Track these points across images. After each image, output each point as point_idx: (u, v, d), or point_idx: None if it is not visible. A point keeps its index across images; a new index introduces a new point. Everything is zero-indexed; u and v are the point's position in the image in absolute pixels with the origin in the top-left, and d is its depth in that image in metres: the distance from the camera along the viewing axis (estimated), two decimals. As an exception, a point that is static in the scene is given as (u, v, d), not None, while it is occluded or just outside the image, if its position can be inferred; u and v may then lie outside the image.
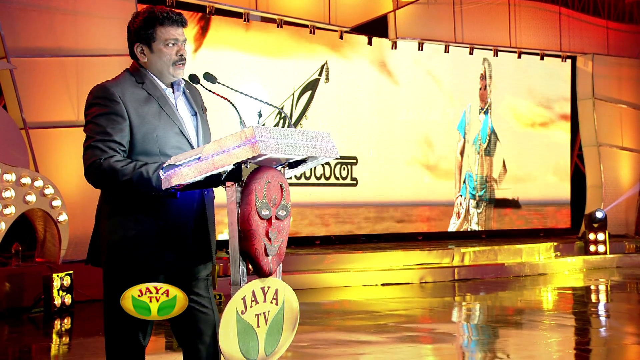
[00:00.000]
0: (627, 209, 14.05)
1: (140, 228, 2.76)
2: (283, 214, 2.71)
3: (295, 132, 2.67)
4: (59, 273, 7.61)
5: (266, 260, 2.66)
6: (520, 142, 13.70)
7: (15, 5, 8.30)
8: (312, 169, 11.26)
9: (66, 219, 8.15)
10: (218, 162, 2.55)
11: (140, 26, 2.85)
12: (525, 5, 13.40)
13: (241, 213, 2.60)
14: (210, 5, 10.07)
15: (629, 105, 14.20)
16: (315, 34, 11.26)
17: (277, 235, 2.69)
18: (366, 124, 11.97)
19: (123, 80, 2.86)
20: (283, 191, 2.72)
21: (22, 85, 8.30)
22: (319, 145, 2.77)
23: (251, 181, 2.62)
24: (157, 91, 2.86)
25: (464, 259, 10.57)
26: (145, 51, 2.87)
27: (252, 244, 2.61)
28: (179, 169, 2.62)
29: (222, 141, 2.55)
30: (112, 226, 2.81)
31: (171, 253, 2.79)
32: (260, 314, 2.66)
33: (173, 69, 2.88)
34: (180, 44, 2.89)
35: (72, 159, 8.54)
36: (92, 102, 2.82)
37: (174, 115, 2.84)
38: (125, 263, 2.77)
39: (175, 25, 2.87)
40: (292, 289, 2.79)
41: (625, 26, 14.55)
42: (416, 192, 12.52)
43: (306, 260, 9.41)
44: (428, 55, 12.58)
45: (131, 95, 2.80)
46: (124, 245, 2.77)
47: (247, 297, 2.62)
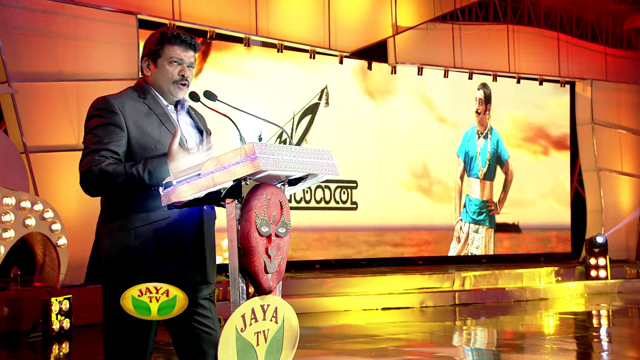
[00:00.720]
0: (627, 234, 14.03)
1: (139, 243, 2.76)
2: (283, 231, 2.70)
3: (295, 149, 2.67)
4: (57, 297, 7.56)
5: (266, 278, 2.64)
6: (520, 166, 13.72)
7: (17, 30, 8.35)
8: (312, 193, 11.25)
9: (65, 243, 8.13)
10: (218, 178, 2.54)
11: (152, 42, 2.92)
12: (524, 31, 13.50)
13: (241, 230, 2.59)
14: (211, 31, 10.14)
15: (628, 130, 14.24)
16: (315, 59, 11.33)
17: (276, 252, 2.67)
18: (366, 148, 11.98)
19: (125, 94, 2.89)
20: (283, 208, 2.71)
21: (23, 109, 8.32)
22: (319, 162, 2.77)
23: (251, 198, 2.61)
24: (158, 107, 2.87)
25: (465, 283, 10.52)
26: (150, 66, 2.92)
27: (251, 261, 2.59)
28: (178, 186, 2.61)
29: (221, 158, 2.54)
30: (111, 242, 2.80)
31: (171, 268, 2.78)
32: (259, 332, 2.64)
33: (173, 87, 2.90)
34: (184, 65, 2.92)
35: (72, 183, 8.54)
36: (93, 114, 2.85)
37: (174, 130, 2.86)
38: (125, 279, 2.75)
39: (183, 45, 2.92)
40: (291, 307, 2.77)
41: (623, 52, 14.65)
42: (416, 217, 12.51)
43: (306, 284, 9.37)
44: (427, 80, 12.65)
45: (131, 108, 2.82)
46: (122, 260, 2.77)
47: (246, 315, 2.59)
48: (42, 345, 7.20)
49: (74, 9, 8.75)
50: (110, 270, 2.80)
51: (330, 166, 2.82)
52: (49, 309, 7.42)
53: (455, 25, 12.73)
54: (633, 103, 14.42)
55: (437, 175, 12.79)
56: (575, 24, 14.21)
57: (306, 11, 11.06)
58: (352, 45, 11.43)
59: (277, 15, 10.71)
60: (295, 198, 10.95)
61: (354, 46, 11.44)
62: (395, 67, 12.25)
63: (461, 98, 13.09)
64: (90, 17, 8.85)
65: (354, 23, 11.48)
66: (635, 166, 14.25)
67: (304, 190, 11.14)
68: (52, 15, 8.62)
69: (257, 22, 10.47)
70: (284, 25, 10.81)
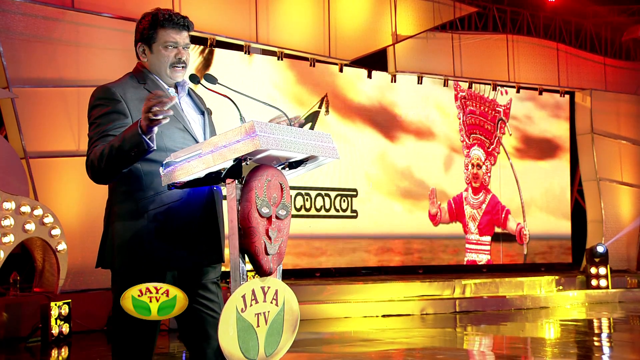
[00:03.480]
0: (628, 244, 14.01)
1: (153, 226, 2.73)
2: (283, 213, 2.69)
3: (296, 130, 2.67)
4: (57, 302, 7.53)
5: (266, 259, 2.63)
6: (520, 176, 13.71)
7: (18, 36, 8.38)
8: (312, 201, 11.23)
9: (65, 248, 8.11)
10: (218, 157, 2.53)
11: (144, 27, 2.89)
12: (523, 41, 13.55)
13: (241, 210, 2.58)
14: (212, 38, 10.17)
15: (628, 140, 14.26)
16: (316, 67, 11.36)
17: (277, 234, 2.67)
18: (366, 156, 11.99)
19: (124, 81, 2.88)
20: (283, 190, 2.70)
21: (24, 114, 8.34)
22: (319, 145, 2.77)
23: (251, 179, 2.60)
24: (159, 90, 2.87)
25: (465, 291, 10.49)
26: (146, 51, 2.90)
27: (252, 242, 2.58)
28: (178, 165, 2.61)
29: (222, 136, 2.54)
30: (122, 226, 2.77)
31: (183, 249, 2.76)
32: (260, 313, 2.62)
33: (170, 71, 2.90)
34: (180, 47, 2.91)
35: (72, 189, 8.55)
36: (94, 103, 2.84)
37: (177, 113, 2.85)
38: (138, 262, 2.73)
39: (176, 28, 2.89)
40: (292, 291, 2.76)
41: (622, 63, 14.70)
42: (417, 225, 12.48)
43: (306, 291, 9.34)
44: (427, 89, 12.68)
45: (132, 95, 2.81)
46: (136, 244, 2.73)
47: (247, 296, 2.58)
48: (41, 350, 7.17)
49: (74, 15, 8.79)
50: (122, 255, 2.76)
51: (331, 149, 2.82)
52: (48, 313, 7.39)
53: (454, 35, 12.78)
54: (632, 113, 14.45)
55: (438, 184, 12.77)
56: (574, 34, 14.27)
57: (306, 19, 11.11)
58: (352, 54, 11.47)
59: (278, 23, 10.76)
60: (295, 206, 10.93)
61: (354, 54, 11.48)
62: (395, 75, 12.28)
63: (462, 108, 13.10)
64: (91, 24, 8.88)
65: (354, 32, 11.52)
66: (635, 176, 14.26)
67: (304, 199, 11.13)
68: (53, 22, 8.65)
69: (257, 29, 10.52)
70: (285, 33, 10.85)
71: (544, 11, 13.88)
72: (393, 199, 12.24)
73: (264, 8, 10.57)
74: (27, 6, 8.46)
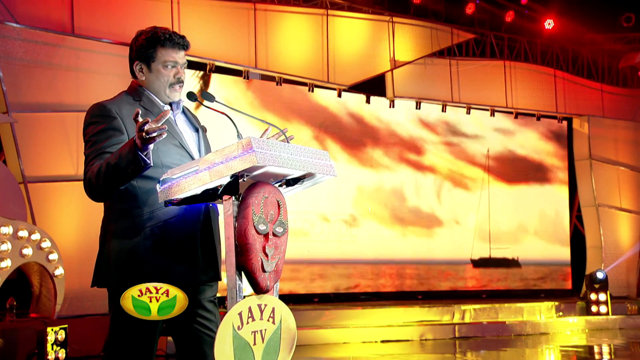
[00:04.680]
0: (628, 271, 13.94)
1: (150, 243, 2.72)
2: (280, 230, 2.69)
3: (294, 147, 2.67)
4: (53, 327, 7.47)
5: (263, 276, 2.62)
6: (519, 201, 13.70)
7: (19, 62, 8.42)
8: (311, 225, 11.21)
9: (62, 273, 8.06)
10: (215, 174, 2.54)
11: (142, 45, 2.88)
12: (520, 67, 13.61)
13: (238, 227, 2.58)
14: (211, 63, 10.22)
15: (626, 166, 14.27)
16: (314, 92, 11.41)
17: (274, 251, 2.66)
18: (365, 180, 11.99)
19: (120, 98, 2.88)
20: (280, 208, 2.70)
21: (23, 139, 8.34)
22: (317, 162, 2.77)
23: (248, 195, 2.60)
24: (154, 107, 2.87)
25: (465, 316, 10.43)
26: (144, 70, 2.90)
27: (248, 259, 2.58)
28: (175, 182, 2.61)
29: (219, 152, 2.54)
30: (118, 244, 2.75)
31: (183, 266, 2.75)
32: (256, 331, 2.61)
33: (170, 90, 2.90)
34: (179, 66, 2.92)
35: (70, 213, 8.53)
36: (90, 121, 2.83)
37: (173, 130, 2.85)
38: (135, 280, 2.71)
39: (176, 47, 2.90)
40: (289, 309, 2.74)
41: (619, 89, 14.75)
42: (415, 251, 12.45)
43: (304, 316, 9.28)
44: (426, 114, 12.72)
45: (128, 111, 2.81)
46: (133, 261, 2.71)
47: (243, 313, 2.57)
48: (36, 375, 7.09)
49: (74, 41, 8.84)
50: (119, 273, 2.74)
51: (328, 167, 2.82)
52: (44, 339, 7.31)
53: (452, 61, 12.85)
54: (630, 139, 14.47)
55: (436, 209, 12.76)
56: (571, 61, 14.35)
57: (305, 45, 11.19)
58: (351, 79, 11.53)
59: (276, 49, 10.82)
60: (293, 231, 10.91)
61: (353, 80, 11.54)
62: (393, 101, 12.33)
63: (460, 132, 13.13)
64: (91, 49, 8.93)
65: (353, 57, 11.60)
66: (634, 202, 14.24)
67: (303, 223, 11.11)
68: (53, 47, 8.69)
69: (256, 55, 10.58)
70: (283, 59, 10.91)
71: (541, 38, 13.97)
72: (390, 224, 12.22)
73: (263, 33, 10.64)
74: (28, 32, 8.51)
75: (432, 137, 12.85)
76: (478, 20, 13.46)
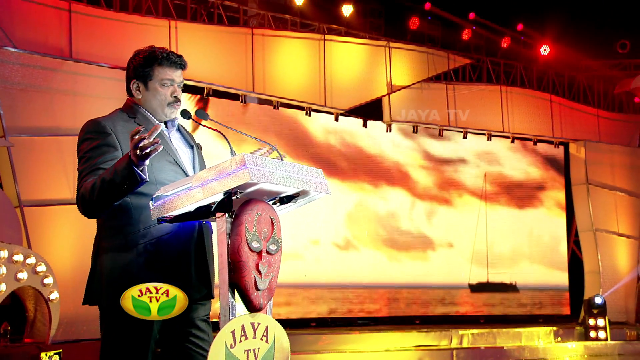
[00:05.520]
0: (626, 296, 13.88)
1: (142, 261, 2.70)
2: (274, 248, 2.67)
3: (287, 165, 2.67)
4: (47, 352, 7.41)
5: (256, 294, 2.60)
6: (516, 226, 13.68)
7: (16, 87, 8.44)
8: (308, 249, 11.18)
9: (57, 297, 8.01)
10: (208, 190, 2.53)
11: (139, 63, 2.89)
12: (517, 92, 13.67)
13: (231, 244, 2.57)
14: (208, 87, 10.26)
15: (623, 191, 14.27)
16: (311, 116, 11.45)
17: (267, 269, 2.64)
18: (361, 204, 11.98)
19: (115, 115, 2.89)
20: (274, 225, 2.69)
21: (19, 163, 8.34)
22: (310, 179, 2.77)
23: (242, 212, 2.59)
24: (149, 124, 2.87)
25: (463, 341, 10.36)
26: (141, 88, 2.91)
27: (241, 276, 2.56)
28: (168, 199, 2.60)
29: (212, 169, 2.54)
30: (111, 261, 2.73)
31: (173, 284, 2.72)
32: (250, 350, 2.58)
33: (167, 109, 2.91)
34: (176, 85, 2.93)
35: (66, 237, 8.50)
36: (84, 137, 2.84)
37: (167, 146, 2.85)
38: None
39: (173, 66, 2.92)
40: (282, 328, 2.72)
41: (615, 115, 14.81)
42: (413, 275, 12.40)
43: (301, 340, 9.21)
44: (423, 139, 12.74)
45: (123, 127, 2.82)
46: (126, 280, 2.69)
47: (236, 331, 2.55)
48: (30, 401, 7.02)
49: (72, 65, 8.88)
50: (111, 290, 2.72)
51: (322, 184, 2.82)
52: (38, 363, 7.27)
53: (449, 85, 12.91)
54: (627, 164, 14.49)
55: (434, 233, 12.74)
56: (567, 87, 14.42)
57: (302, 69, 11.25)
58: (348, 103, 11.57)
59: (274, 73, 10.87)
60: (290, 254, 10.86)
61: (350, 104, 11.58)
62: (390, 125, 12.36)
63: (458, 156, 13.16)
64: (88, 74, 8.96)
65: (350, 82, 11.65)
66: (632, 227, 14.22)
67: (298, 247, 11.08)
68: (50, 72, 8.72)
69: (253, 79, 10.62)
70: (280, 83, 10.96)
71: (537, 64, 14.05)
72: (387, 248, 12.18)
73: (260, 58, 10.69)
74: (26, 56, 8.54)
75: (428, 161, 12.85)
76: (474, 46, 13.55)
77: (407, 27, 12.68)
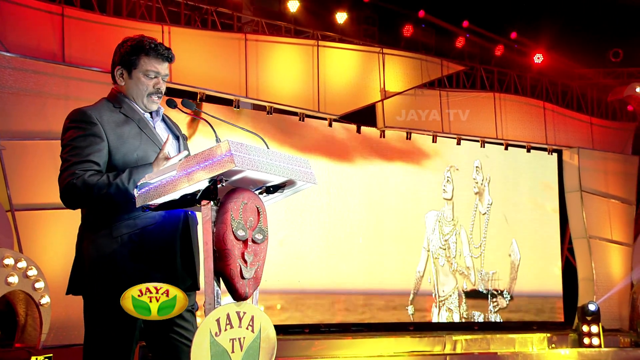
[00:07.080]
0: (620, 303, 13.87)
1: (126, 251, 2.69)
2: (260, 237, 2.66)
3: (273, 153, 2.66)
4: (37, 356, 7.36)
5: (242, 283, 2.58)
6: (510, 233, 13.66)
7: (8, 90, 8.43)
8: (302, 256, 11.15)
9: (48, 301, 7.96)
10: (193, 177, 2.51)
11: (126, 51, 2.89)
12: (510, 100, 13.70)
13: (216, 232, 2.55)
14: (201, 92, 10.25)
15: (616, 199, 14.29)
16: (305, 122, 11.45)
17: (253, 258, 2.63)
18: (355, 212, 11.96)
19: (100, 104, 2.88)
20: (260, 214, 2.67)
21: (11, 167, 8.32)
22: (297, 169, 2.75)
23: (227, 200, 2.58)
24: (135, 114, 2.86)
25: (456, 347, 10.34)
26: (124, 76, 2.90)
27: (227, 264, 2.54)
28: (153, 187, 2.58)
29: (197, 156, 2.53)
30: (95, 251, 2.73)
31: (159, 275, 2.71)
32: (235, 339, 2.56)
33: (147, 100, 2.90)
34: (160, 77, 2.91)
35: (57, 242, 8.46)
36: (69, 125, 2.82)
37: (153, 136, 2.84)
38: (112, 288, 2.67)
39: (160, 58, 2.91)
40: (269, 318, 2.70)
41: (608, 123, 14.85)
42: (407, 282, 12.38)
43: (294, 346, 9.18)
44: (417, 145, 12.75)
45: (109, 118, 2.80)
46: (109, 269, 2.68)
47: (221, 320, 2.53)
48: (20, 405, 6.97)
49: (64, 69, 8.86)
50: (95, 280, 2.71)
51: (309, 174, 2.80)
52: (28, 368, 7.21)
53: (443, 92, 12.93)
54: (620, 172, 14.51)
55: (427, 240, 12.72)
56: (560, 94, 14.45)
57: (296, 75, 11.25)
58: (341, 109, 11.57)
59: (267, 79, 10.87)
60: (283, 261, 10.83)
61: (343, 110, 11.58)
62: (383, 131, 12.37)
63: (452, 163, 13.16)
64: (81, 78, 8.94)
65: (343, 87, 11.66)
66: (625, 234, 14.22)
67: (292, 254, 11.04)
68: (43, 76, 8.71)
69: (247, 84, 10.62)
70: (274, 89, 10.96)
71: (531, 72, 14.09)
72: (383, 255, 12.16)
73: (253, 63, 10.70)
74: (18, 60, 8.53)
75: (421, 167, 12.85)
76: (468, 53, 13.58)
77: (401, 35, 12.70)
